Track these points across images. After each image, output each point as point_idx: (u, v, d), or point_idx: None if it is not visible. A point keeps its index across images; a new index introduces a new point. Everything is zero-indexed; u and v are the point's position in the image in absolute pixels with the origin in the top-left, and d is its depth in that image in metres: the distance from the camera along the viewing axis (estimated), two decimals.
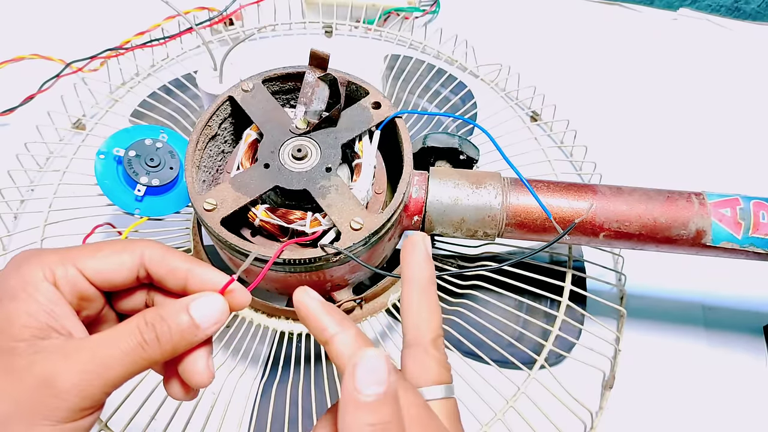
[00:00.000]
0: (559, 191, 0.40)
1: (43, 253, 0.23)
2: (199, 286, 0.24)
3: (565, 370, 0.45)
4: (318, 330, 0.22)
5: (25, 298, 0.21)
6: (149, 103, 0.56)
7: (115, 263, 0.23)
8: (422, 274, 0.25)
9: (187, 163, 0.37)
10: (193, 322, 0.22)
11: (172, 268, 0.24)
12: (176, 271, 0.24)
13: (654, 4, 0.73)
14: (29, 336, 0.21)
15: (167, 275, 0.24)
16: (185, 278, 0.24)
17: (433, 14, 0.70)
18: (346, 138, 0.38)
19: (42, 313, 0.21)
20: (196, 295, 0.23)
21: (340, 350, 0.22)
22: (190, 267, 0.24)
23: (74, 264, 0.23)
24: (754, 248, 0.38)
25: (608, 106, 0.63)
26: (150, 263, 0.24)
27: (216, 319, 0.23)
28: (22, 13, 0.69)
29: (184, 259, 0.24)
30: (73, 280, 0.23)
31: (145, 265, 0.24)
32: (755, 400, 0.46)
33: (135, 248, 0.24)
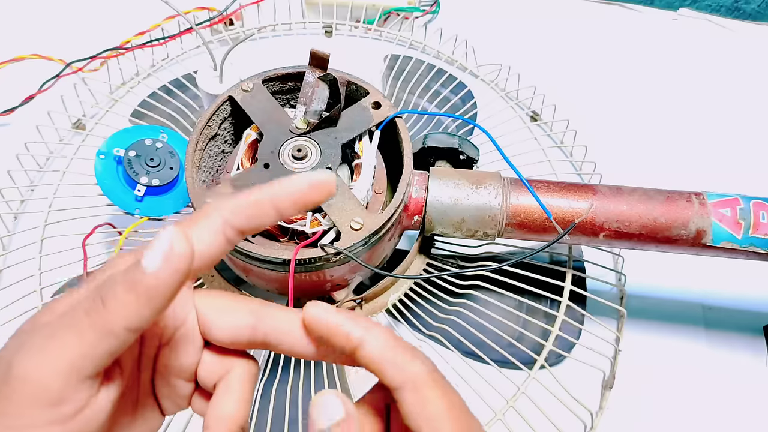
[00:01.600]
0: (559, 191, 0.40)
1: None
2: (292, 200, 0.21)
3: (565, 370, 0.45)
4: (343, 339, 0.21)
5: None
6: (149, 103, 0.56)
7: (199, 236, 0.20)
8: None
9: (187, 163, 0.37)
10: (139, 269, 0.17)
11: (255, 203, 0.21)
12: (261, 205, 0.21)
13: (654, 4, 0.73)
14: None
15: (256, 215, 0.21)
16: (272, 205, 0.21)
17: (433, 14, 0.70)
18: (346, 138, 0.38)
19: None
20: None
21: (370, 354, 0.21)
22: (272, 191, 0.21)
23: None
24: (754, 248, 0.38)
25: (608, 106, 0.63)
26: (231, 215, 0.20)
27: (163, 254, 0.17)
28: (22, 13, 0.69)
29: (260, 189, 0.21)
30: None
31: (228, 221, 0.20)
32: (755, 400, 0.46)
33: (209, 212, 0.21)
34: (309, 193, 0.21)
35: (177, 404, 0.23)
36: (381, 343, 0.21)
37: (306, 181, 0.21)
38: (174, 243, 0.17)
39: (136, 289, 0.17)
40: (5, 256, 0.49)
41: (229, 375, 0.22)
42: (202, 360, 0.22)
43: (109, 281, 0.18)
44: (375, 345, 0.21)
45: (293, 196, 0.21)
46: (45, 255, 0.46)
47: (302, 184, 0.21)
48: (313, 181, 0.21)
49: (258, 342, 0.22)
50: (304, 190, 0.21)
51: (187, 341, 0.22)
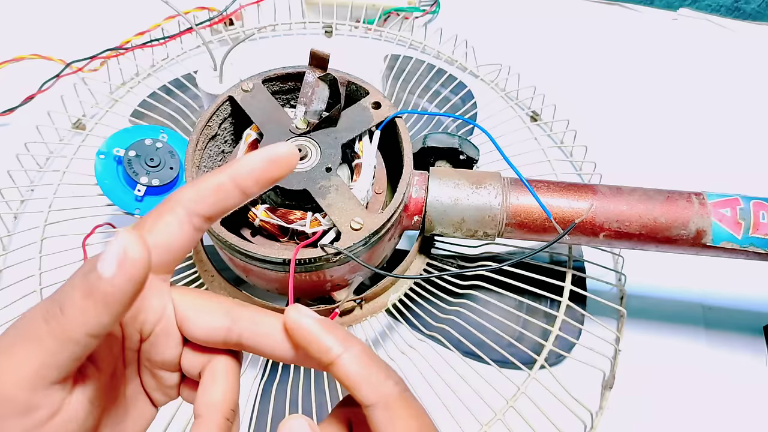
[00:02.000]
0: (559, 191, 0.40)
1: None
2: (252, 177, 0.20)
3: (565, 370, 0.45)
4: (321, 352, 0.21)
5: None
6: (149, 103, 0.56)
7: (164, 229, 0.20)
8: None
9: (187, 163, 0.37)
10: (95, 273, 0.16)
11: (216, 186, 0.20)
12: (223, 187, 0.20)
13: (654, 4, 0.73)
14: None
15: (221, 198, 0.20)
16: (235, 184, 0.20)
17: (433, 14, 0.70)
18: (346, 138, 0.38)
19: None
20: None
21: (346, 371, 0.21)
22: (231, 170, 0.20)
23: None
24: (754, 248, 0.38)
25: (608, 106, 0.63)
26: (193, 204, 0.21)
27: (118, 258, 0.16)
28: (22, 13, 0.69)
29: (219, 171, 0.21)
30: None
31: (192, 210, 0.21)
32: (755, 400, 0.46)
33: (172, 205, 0.21)
34: (269, 169, 0.21)
35: (166, 394, 0.23)
36: (356, 360, 0.21)
37: (265, 156, 0.21)
38: (128, 248, 0.16)
39: (93, 296, 0.17)
40: (5, 256, 0.49)
41: (212, 363, 0.22)
42: (184, 352, 0.22)
43: (67, 288, 0.17)
44: (350, 361, 0.21)
45: (254, 174, 0.21)
46: (45, 255, 0.46)
47: (261, 160, 0.21)
48: (272, 155, 0.21)
49: (232, 343, 0.22)
50: (264, 166, 0.21)
51: (167, 335, 0.21)
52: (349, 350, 0.21)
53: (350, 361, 0.21)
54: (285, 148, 0.21)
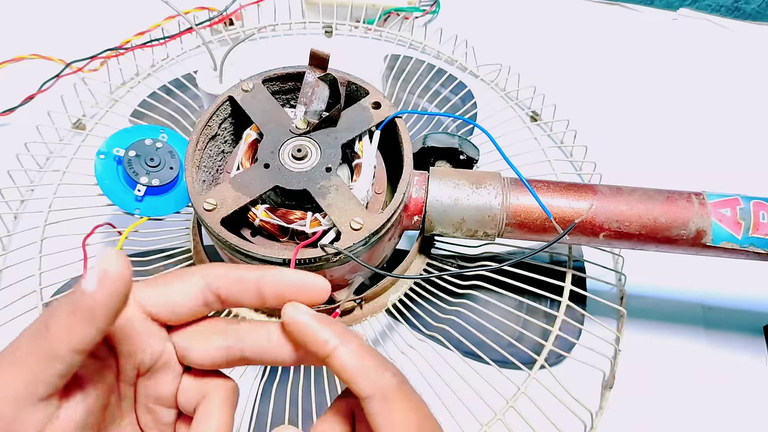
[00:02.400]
0: (559, 191, 0.40)
1: None
2: (276, 290, 0.21)
3: (565, 370, 0.45)
4: (318, 345, 0.21)
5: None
6: (149, 103, 0.56)
7: (179, 290, 0.21)
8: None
9: (187, 163, 0.37)
10: (79, 289, 0.18)
11: (241, 280, 0.21)
12: (246, 283, 0.21)
13: (654, 4, 0.73)
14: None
15: (239, 291, 0.21)
16: (257, 288, 0.21)
17: (433, 14, 0.70)
18: (346, 138, 0.38)
19: None
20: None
21: (342, 363, 0.21)
22: (259, 275, 0.21)
23: (135, 298, 0.21)
24: (754, 248, 0.38)
25: (608, 106, 0.63)
26: (217, 281, 0.21)
27: (99, 274, 0.17)
28: (22, 13, 0.69)
29: (249, 269, 0.22)
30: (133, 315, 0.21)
31: (212, 287, 0.21)
32: (755, 400, 0.46)
33: (197, 271, 0.22)
34: (296, 293, 0.22)
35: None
36: (353, 353, 0.21)
37: (298, 280, 0.21)
38: (109, 265, 0.17)
39: (77, 311, 0.18)
40: (5, 256, 0.49)
41: (207, 400, 0.22)
42: (182, 383, 0.22)
43: (53, 308, 0.18)
44: (347, 354, 0.21)
45: (279, 288, 0.21)
46: (45, 255, 0.46)
47: (293, 283, 0.21)
48: (305, 283, 0.21)
49: (236, 359, 0.22)
50: (293, 290, 0.22)
51: (167, 370, 0.22)
52: (345, 343, 0.21)
53: (347, 354, 0.21)
54: (321, 282, 0.22)
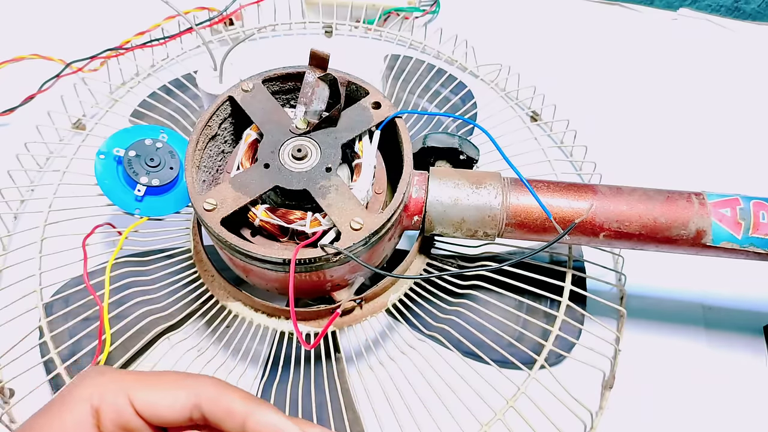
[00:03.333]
0: (559, 191, 0.40)
1: (105, 373, 0.23)
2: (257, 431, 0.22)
3: (565, 370, 0.45)
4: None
5: (54, 414, 0.22)
6: (149, 103, 0.56)
7: (169, 399, 0.22)
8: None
9: (187, 163, 0.37)
10: None
11: (229, 410, 0.22)
12: (234, 415, 0.22)
13: (654, 4, 0.73)
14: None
15: (225, 419, 0.22)
16: (243, 421, 0.22)
17: (433, 14, 0.70)
18: (346, 138, 0.38)
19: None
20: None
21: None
22: (249, 410, 0.22)
23: (126, 392, 0.22)
24: (754, 248, 0.38)
25: (608, 106, 0.63)
26: (207, 405, 0.22)
27: None
28: (22, 13, 0.69)
29: (244, 400, 0.23)
30: (120, 410, 0.22)
31: (200, 406, 0.22)
32: (755, 400, 0.46)
33: (192, 385, 0.23)
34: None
35: None
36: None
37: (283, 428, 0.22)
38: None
39: None
40: (5, 256, 0.49)
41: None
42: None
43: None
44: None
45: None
46: (45, 255, 0.46)
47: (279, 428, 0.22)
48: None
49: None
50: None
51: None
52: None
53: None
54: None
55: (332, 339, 0.42)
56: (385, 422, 0.40)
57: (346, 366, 0.43)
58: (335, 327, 0.42)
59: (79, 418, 0.22)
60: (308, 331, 0.41)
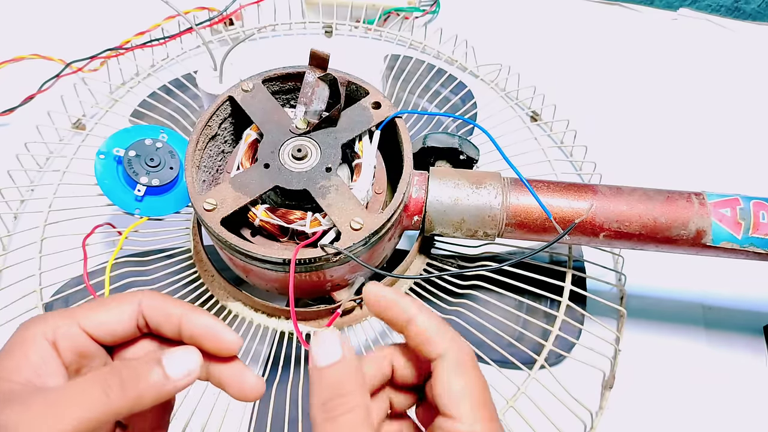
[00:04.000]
0: (559, 191, 0.40)
1: (50, 314, 0.24)
2: (191, 331, 0.24)
3: (565, 370, 0.45)
4: (398, 315, 0.24)
5: (17, 355, 0.22)
6: (149, 103, 0.56)
7: (115, 315, 0.24)
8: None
9: (187, 163, 0.37)
10: (162, 372, 0.22)
11: (167, 314, 0.24)
12: (171, 317, 0.24)
13: (654, 4, 0.73)
14: (8, 390, 0.21)
15: (163, 322, 0.24)
16: (179, 324, 0.24)
17: (433, 14, 0.70)
18: (346, 138, 0.38)
19: (28, 369, 0.22)
20: (173, 349, 0.23)
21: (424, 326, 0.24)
22: (183, 312, 0.24)
23: (77, 321, 0.23)
24: (754, 248, 0.38)
25: (608, 106, 0.63)
26: (147, 310, 0.24)
27: (188, 371, 0.23)
28: (22, 13, 0.69)
29: (179, 305, 0.24)
30: (74, 338, 0.23)
31: (143, 313, 0.24)
32: (755, 400, 0.46)
33: (134, 298, 0.24)
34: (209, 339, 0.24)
35: None
36: (429, 317, 0.24)
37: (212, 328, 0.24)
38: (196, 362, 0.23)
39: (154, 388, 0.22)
40: (5, 256, 0.49)
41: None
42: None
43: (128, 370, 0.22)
44: (425, 318, 0.24)
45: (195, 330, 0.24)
46: (45, 255, 0.46)
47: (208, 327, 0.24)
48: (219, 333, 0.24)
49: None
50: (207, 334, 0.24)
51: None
52: (422, 310, 0.24)
53: (425, 319, 0.24)
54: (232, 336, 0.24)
55: None
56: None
57: None
58: (335, 327, 0.42)
59: (43, 353, 0.22)
60: (308, 330, 0.41)
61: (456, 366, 0.23)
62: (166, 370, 0.22)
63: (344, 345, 0.23)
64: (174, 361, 0.22)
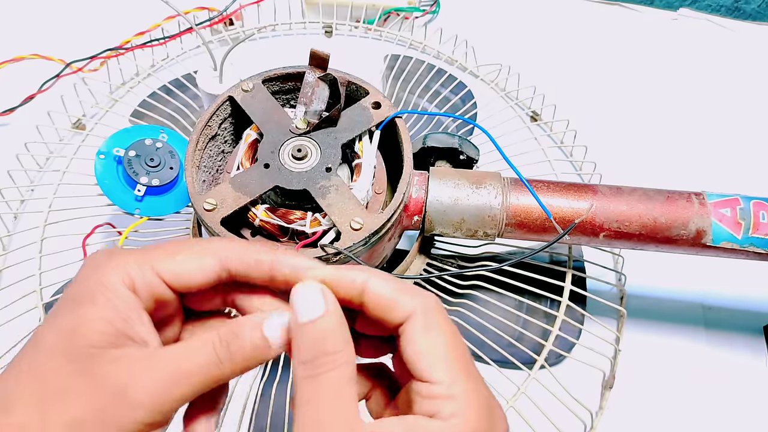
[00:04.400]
0: (559, 191, 0.40)
1: (122, 255, 0.22)
2: (286, 274, 0.23)
3: (565, 370, 0.45)
4: (349, 285, 0.22)
5: (103, 303, 0.21)
6: (149, 103, 0.56)
7: (196, 267, 0.22)
8: None
9: (187, 163, 0.37)
10: (266, 342, 0.21)
11: (258, 258, 0.23)
12: (262, 262, 0.23)
13: (654, 4, 0.73)
14: (105, 343, 0.20)
15: (252, 270, 0.23)
16: (270, 268, 0.23)
17: (433, 14, 0.70)
18: (346, 138, 0.38)
19: (119, 321, 0.21)
20: (268, 313, 0.22)
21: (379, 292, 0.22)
22: (276, 257, 0.23)
23: (153, 267, 0.22)
24: (754, 248, 0.38)
25: (608, 106, 0.63)
26: (232, 261, 0.23)
27: (286, 338, 0.22)
28: (22, 13, 0.69)
29: (268, 250, 0.23)
30: (151, 285, 0.22)
31: (227, 267, 0.23)
32: (755, 400, 0.46)
33: (216, 249, 0.23)
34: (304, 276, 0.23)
35: None
36: (385, 280, 0.22)
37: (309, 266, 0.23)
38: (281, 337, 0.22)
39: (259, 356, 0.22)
40: (5, 256, 0.49)
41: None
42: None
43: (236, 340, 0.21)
44: (379, 283, 0.22)
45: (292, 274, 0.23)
46: (45, 255, 0.46)
47: (306, 269, 0.22)
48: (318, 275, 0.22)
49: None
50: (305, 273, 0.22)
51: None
52: (373, 273, 0.22)
53: (379, 283, 0.22)
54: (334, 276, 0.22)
55: None
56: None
57: None
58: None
59: (128, 301, 0.21)
60: None
61: (424, 325, 0.22)
62: (268, 338, 0.21)
63: (327, 297, 0.21)
64: (274, 327, 0.21)
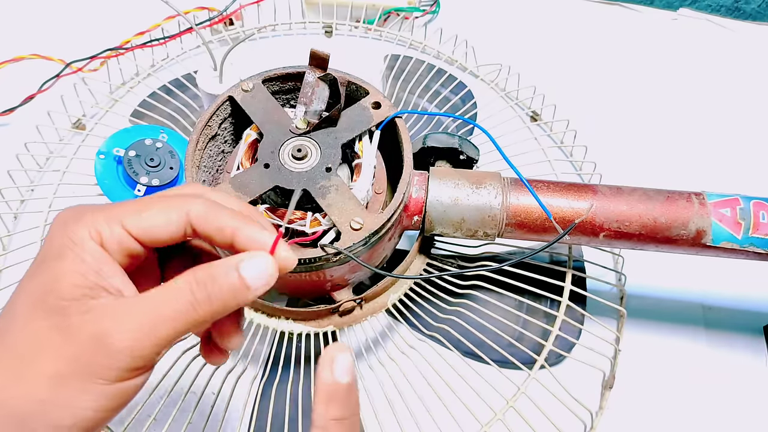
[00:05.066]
0: (559, 191, 0.40)
1: (89, 212, 0.23)
2: (246, 246, 0.23)
3: (565, 370, 0.45)
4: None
5: (72, 258, 0.21)
6: (149, 103, 0.56)
7: (162, 221, 0.23)
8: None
9: (187, 163, 0.37)
10: (243, 282, 0.22)
11: (219, 225, 0.23)
12: (223, 229, 0.23)
13: (654, 4, 0.73)
14: (79, 295, 0.21)
15: (214, 233, 0.23)
16: (232, 236, 0.23)
17: (433, 14, 0.70)
18: (346, 138, 0.38)
19: (91, 273, 0.21)
20: (246, 255, 0.22)
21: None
22: (238, 225, 0.23)
23: (120, 222, 0.22)
24: (754, 248, 0.38)
25: (608, 106, 0.63)
26: (197, 221, 0.23)
27: (266, 280, 0.22)
28: (22, 13, 0.69)
29: (233, 216, 0.23)
30: (119, 239, 0.22)
31: (192, 223, 0.23)
32: (755, 400, 0.46)
33: (182, 205, 0.23)
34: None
35: None
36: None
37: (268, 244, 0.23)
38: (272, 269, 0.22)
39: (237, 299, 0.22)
40: (5, 256, 0.49)
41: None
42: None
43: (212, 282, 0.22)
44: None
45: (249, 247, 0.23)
46: None
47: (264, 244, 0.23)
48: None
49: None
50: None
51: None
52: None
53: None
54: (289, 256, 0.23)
55: (332, 339, 0.42)
56: (385, 422, 0.40)
57: None
58: (335, 327, 0.42)
59: (97, 255, 0.22)
60: (308, 331, 0.41)
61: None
62: (245, 279, 0.22)
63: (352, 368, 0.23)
64: (251, 269, 0.22)
